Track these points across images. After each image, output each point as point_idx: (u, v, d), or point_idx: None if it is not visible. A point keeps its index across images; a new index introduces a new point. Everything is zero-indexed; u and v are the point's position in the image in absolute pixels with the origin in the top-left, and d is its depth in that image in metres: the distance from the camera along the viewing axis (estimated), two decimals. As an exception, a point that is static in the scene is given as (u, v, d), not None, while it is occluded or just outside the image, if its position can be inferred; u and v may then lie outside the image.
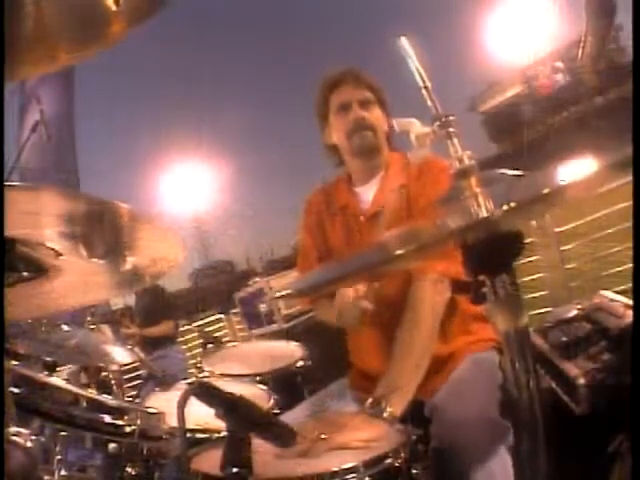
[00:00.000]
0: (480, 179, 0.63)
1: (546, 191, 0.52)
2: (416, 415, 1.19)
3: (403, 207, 1.39)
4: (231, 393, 0.78)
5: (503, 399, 1.17)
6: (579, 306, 1.34)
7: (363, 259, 0.71)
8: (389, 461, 0.89)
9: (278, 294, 3.48)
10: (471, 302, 0.64)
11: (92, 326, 2.92)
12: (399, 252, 0.56)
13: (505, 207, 0.52)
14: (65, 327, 1.76)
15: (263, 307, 3.67)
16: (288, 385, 1.88)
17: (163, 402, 1.43)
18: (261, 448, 0.82)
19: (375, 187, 1.46)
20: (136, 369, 5.10)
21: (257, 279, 4.05)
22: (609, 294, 1.34)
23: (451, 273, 0.71)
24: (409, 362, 1.19)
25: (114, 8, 0.68)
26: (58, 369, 2.07)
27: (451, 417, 1.12)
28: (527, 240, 0.62)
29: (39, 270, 0.80)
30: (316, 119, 1.54)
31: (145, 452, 1.20)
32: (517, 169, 0.69)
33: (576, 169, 0.55)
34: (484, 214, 0.59)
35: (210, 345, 2.44)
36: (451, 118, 0.67)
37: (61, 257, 0.77)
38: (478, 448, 1.07)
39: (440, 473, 1.06)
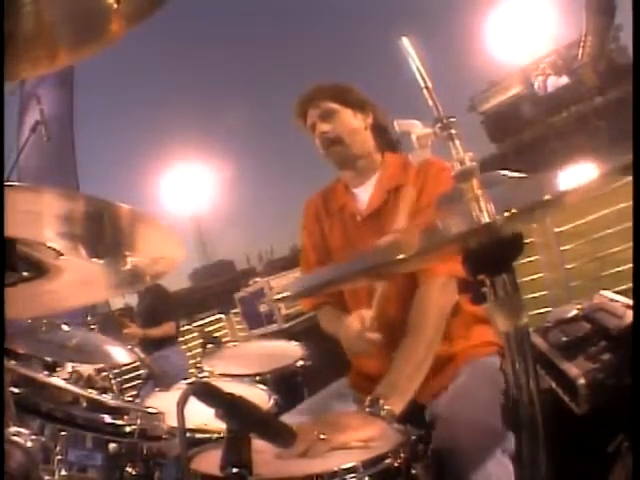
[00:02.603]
0: (481, 181, 0.63)
1: (547, 197, 0.53)
2: (416, 417, 1.19)
3: (401, 207, 1.39)
4: (231, 393, 0.78)
5: (505, 405, 1.17)
6: (579, 306, 1.34)
7: (364, 262, 0.71)
8: (389, 461, 0.89)
9: (278, 296, 3.49)
10: (471, 302, 0.64)
11: (92, 326, 2.93)
12: (401, 257, 0.56)
13: (507, 213, 0.53)
14: (65, 327, 1.76)
15: (263, 307, 3.67)
16: (288, 385, 1.87)
17: (163, 402, 1.43)
18: (261, 448, 0.82)
19: (371, 187, 1.47)
20: (136, 369, 5.11)
21: (257, 279, 4.05)
22: (609, 294, 1.34)
23: (458, 273, 0.71)
24: (412, 362, 1.18)
25: (115, 6, 0.68)
26: (58, 369, 2.08)
27: (451, 426, 1.12)
28: (527, 240, 0.62)
29: (39, 270, 0.80)
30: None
31: (145, 452, 1.20)
32: (517, 169, 0.69)
33: (577, 174, 0.55)
34: (486, 219, 0.59)
35: (210, 345, 2.44)
36: (452, 120, 0.67)
37: (61, 257, 0.77)
38: (476, 456, 1.06)
39: (440, 476, 1.06)
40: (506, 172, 0.68)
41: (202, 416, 1.04)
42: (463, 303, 1.32)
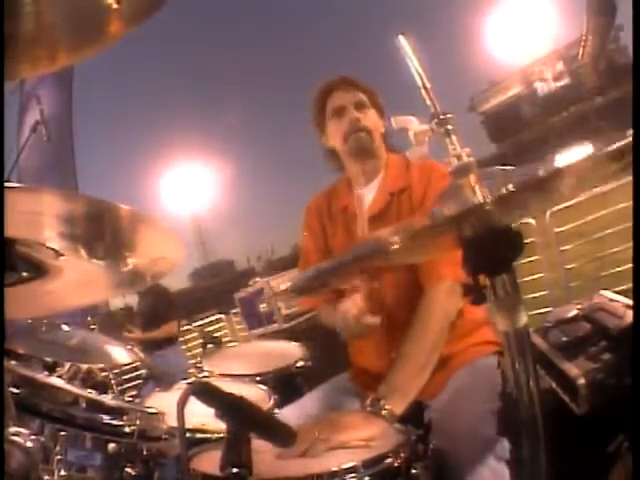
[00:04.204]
0: (479, 176, 0.63)
1: (541, 173, 0.52)
2: (416, 416, 1.19)
3: (405, 210, 1.39)
4: (231, 393, 0.78)
5: (502, 408, 1.17)
6: (579, 306, 1.34)
7: (358, 252, 0.71)
8: (389, 461, 0.89)
9: (278, 291, 3.49)
10: (471, 302, 0.64)
11: (92, 326, 2.93)
12: (394, 240, 0.56)
13: (503, 190, 0.52)
14: (65, 327, 1.76)
15: (263, 307, 3.67)
16: (288, 385, 1.87)
17: (163, 402, 1.43)
18: (261, 448, 0.82)
19: (375, 189, 1.47)
20: (136, 369, 5.11)
21: (257, 279, 4.04)
22: (609, 294, 1.34)
23: (464, 277, 0.71)
24: (415, 365, 1.19)
25: (115, 6, 0.68)
26: (58, 369, 2.08)
27: (447, 431, 1.12)
28: (527, 240, 0.62)
29: (39, 270, 0.80)
30: (313, 126, 1.56)
31: (145, 452, 1.20)
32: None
33: (571, 155, 0.55)
34: (479, 201, 0.59)
35: (210, 345, 2.44)
36: (449, 116, 0.67)
37: (61, 257, 0.77)
38: (469, 462, 1.07)
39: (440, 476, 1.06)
40: (503, 167, 0.68)
41: (202, 416, 1.04)
42: (466, 304, 1.32)
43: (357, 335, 1.27)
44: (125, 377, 5.64)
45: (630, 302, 1.21)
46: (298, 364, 1.94)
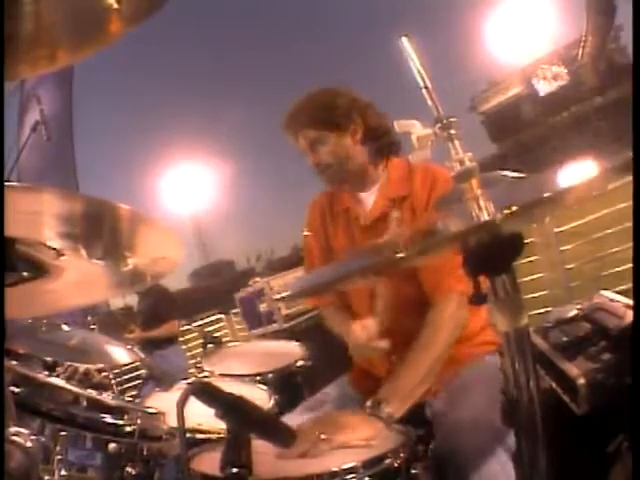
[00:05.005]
0: (481, 181, 0.63)
1: (547, 195, 0.53)
2: (416, 416, 1.19)
3: (407, 216, 1.39)
4: (231, 393, 0.78)
5: (505, 403, 1.17)
6: (579, 306, 1.34)
7: (362, 261, 0.71)
8: (389, 461, 0.89)
9: (278, 295, 3.49)
10: (471, 303, 0.64)
11: (92, 326, 2.93)
12: (400, 255, 0.56)
13: (507, 211, 0.53)
14: (65, 327, 1.76)
15: (263, 307, 3.67)
16: (288, 385, 1.88)
17: (163, 402, 1.43)
18: (261, 448, 0.83)
19: (376, 193, 1.46)
20: (136, 369, 5.12)
21: (257, 279, 4.04)
22: (609, 294, 1.34)
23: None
24: (419, 374, 1.18)
25: (115, 6, 0.68)
26: (58, 369, 2.07)
27: (451, 423, 1.12)
28: (527, 240, 0.62)
29: (39, 270, 0.80)
30: None
31: (145, 452, 1.20)
32: (517, 169, 0.69)
33: (576, 172, 0.55)
34: (485, 217, 0.59)
35: (210, 345, 2.44)
36: (452, 120, 0.67)
37: (62, 257, 0.77)
38: (478, 454, 1.07)
39: (440, 475, 1.06)
40: (505, 172, 0.68)
41: (202, 416, 1.04)
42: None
43: (364, 357, 1.31)
44: (125, 377, 5.65)
45: (630, 302, 1.21)
46: (298, 364, 1.95)
